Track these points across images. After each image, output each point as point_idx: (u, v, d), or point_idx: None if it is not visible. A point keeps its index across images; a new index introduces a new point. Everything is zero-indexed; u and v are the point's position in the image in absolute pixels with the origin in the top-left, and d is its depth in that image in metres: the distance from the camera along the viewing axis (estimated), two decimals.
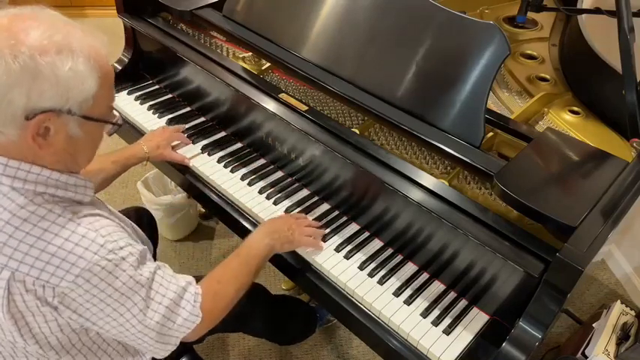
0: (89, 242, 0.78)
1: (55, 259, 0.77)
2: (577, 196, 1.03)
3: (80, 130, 0.81)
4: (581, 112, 1.36)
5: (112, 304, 0.82)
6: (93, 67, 0.78)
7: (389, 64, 1.22)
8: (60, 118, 0.77)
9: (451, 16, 1.15)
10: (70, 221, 0.79)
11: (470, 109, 1.12)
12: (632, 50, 1.13)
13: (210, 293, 0.97)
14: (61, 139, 0.80)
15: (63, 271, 0.77)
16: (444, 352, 1.02)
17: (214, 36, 1.64)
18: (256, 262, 1.10)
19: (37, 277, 0.77)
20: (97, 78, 0.79)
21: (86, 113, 0.80)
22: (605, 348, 1.53)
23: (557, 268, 0.92)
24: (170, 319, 0.89)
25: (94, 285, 0.79)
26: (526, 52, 1.62)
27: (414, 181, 1.11)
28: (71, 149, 0.83)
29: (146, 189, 1.96)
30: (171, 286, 0.89)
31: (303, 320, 1.64)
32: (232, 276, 1.05)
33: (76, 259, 0.77)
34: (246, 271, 1.07)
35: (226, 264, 1.07)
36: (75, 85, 0.76)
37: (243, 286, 1.06)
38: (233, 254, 1.09)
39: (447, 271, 1.13)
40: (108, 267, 0.80)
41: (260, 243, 1.12)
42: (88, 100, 0.79)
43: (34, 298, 0.78)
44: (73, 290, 0.78)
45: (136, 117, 1.58)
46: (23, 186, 0.78)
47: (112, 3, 1.72)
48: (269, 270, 2.01)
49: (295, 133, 1.29)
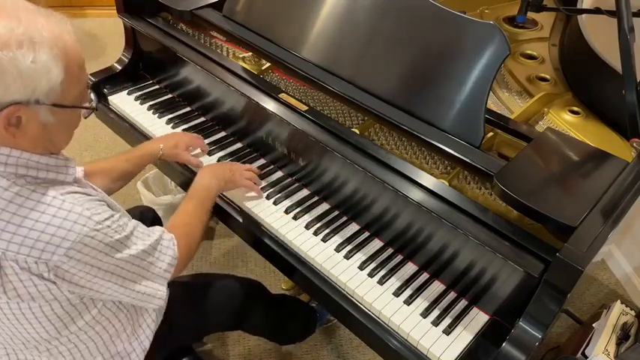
0: (76, 216, 0.81)
1: (45, 235, 0.79)
2: (577, 196, 1.03)
3: (53, 117, 0.82)
4: (581, 112, 1.36)
5: (103, 266, 0.86)
6: (56, 56, 0.77)
7: (389, 64, 1.22)
8: (29, 109, 0.78)
9: (451, 16, 1.15)
10: (55, 198, 0.81)
11: (470, 109, 1.12)
12: (632, 50, 1.13)
13: (182, 235, 1.06)
14: (35, 127, 0.81)
15: (53, 246, 0.79)
16: (444, 352, 1.02)
17: (214, 36, 1.64)
18: (208, 201, 1.20)
19: (28, 254, 0.78)
20: (62, 66, 0.79)
21: (56, 101, 0.81)
22: (605, 348, 1.53)
23: (557, 268, 0.92)
24: (154, 264, 0.97)
25: (85, 254, 0.83)
26: (526, 52, 1.62)
27: (414, 181, 1.11)
28: (47, 135, 0.84)
29: (146, 189, 1.96)
30: (149, 237, 0.96)
31: (302, 320, 1.64)
32: (194, 216, 1.15)
33: (65, 232, 0.80)
34: (204, 210, 1.18)
35: (184, 209, 1.16)
36: (39, 76, 0.76)
37: (204, 223, 1.17)
38: (186, 199, 1.19)
39: (447, 271, 1.13)
40: (97, 236, 0.83)
41: (209, 184, 1.22)
42: (56, 89, 0.79)
43: (29, 276, 0.80)
44: (65, 262, 0.81)
45: (135, 117, 1.58)
46: (5, 169, 0.80)
47: (112, 3, 1.72)
48: (269, 270, 2.01)
49: (295, 133, 1.29)
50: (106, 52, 3.29)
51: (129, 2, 1.64)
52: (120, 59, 1.72)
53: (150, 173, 2.04)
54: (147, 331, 1.09)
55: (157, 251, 0.97)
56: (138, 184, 1.97)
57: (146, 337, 1.09)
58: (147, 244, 0.94)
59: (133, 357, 1.07)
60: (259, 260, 2.05)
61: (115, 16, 1.69)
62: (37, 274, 0.81)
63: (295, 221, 1.27)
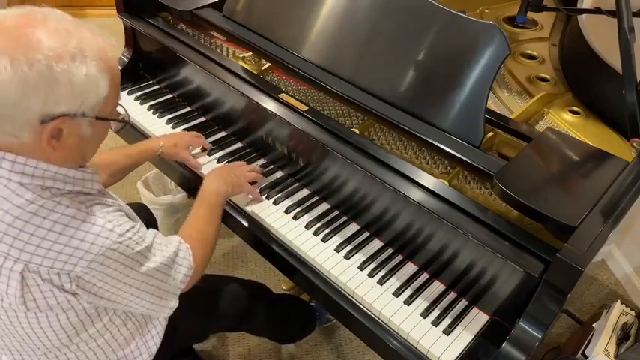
0: (100, 229, 0.82)
1: (68, 248, 0.79)
2: (577, 196, 1.03)
3: (91, 129, 0.83)
4: (581, 112, 1.36)
5: (124, 278, 0.87)
6: (103, 70, 0.79)
7: (389, 64, 1.22)
8: (74, 121, 0.79)
9: (451, 16, 1.15)
10: (79, 211, 0.81)
11: (470, 109, 1.12)
12: (632, 50, 1.13)
13: (196, 242, 1.06)
14: (73, 140, 0.82)
15: (76, 258, 0.80)
16: (444, 352, 1.02)
17: (214, 36, 1.64)
18: (218, 207, 1.19)
19: (51, 266, 0.79)
20: (108, 80, 0.81)
21: (98, 114, 0.82)
22: (605, 348, 1.53)
23: (557, 268, 0.92)
24: (172, 276, 0.97)
25: (107, 266, 0.83)
26: (526, 52, 1.62)
27: (414, 181, 1.11)
28: (80, 147, 0.85)
29: (146, 189, 1.96)
30: (167, 248, 0.96)
31: (302, 318, 1.65)
32: (206, 222, 1.14)
33: (88, 245, 0.80)
34: (216, 216, 1.17)
35: (196, 215, 1.15)
36: (89, 89, 0.78)
37: (217, 228, 1.17)
38: (196, 204, 1.18)
39: (447, 271, 1.13)
40: (120, 249, 0.84)
41: (217, 189, 1.21)
42: (100, 102, 0.81)
43: (50, 287, 0.81)
44: (87, 273, 0.82)
45: (135, 117, 1.58)
46: (31, 182, 0.80)
47: (112, 3, 1.72)
48: (269, 270, 2.01)
49: (295, 133, 1.29)
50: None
51: (129, 2, 1.65)
52: (120, 59, 1.72)
53: (150, 173, 2.04)
54: (155, 338, 1.09)
55: (175, 263, 0.97)
56: (138, 184, 1.97)
57: (154, 343, 1.09)
58: (165, 255, 0.94)
59: None
60: (259, 260, 2.05)
61: (115, 16, 1.69)
62: (59, 286, 0.81)
63: (295, 221, 1.27)
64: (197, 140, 1.43)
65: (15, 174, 0.79)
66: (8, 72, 0.71)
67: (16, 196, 0.79)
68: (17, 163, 0.79)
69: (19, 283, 0.80)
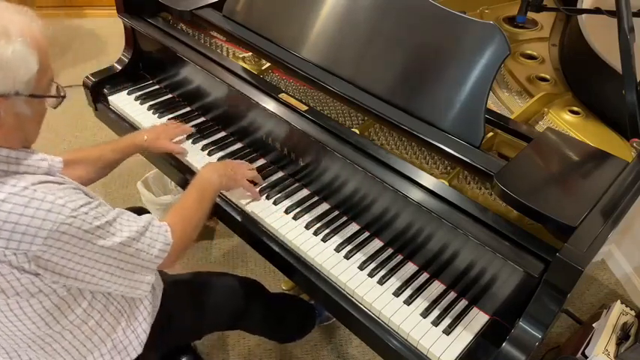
0: (50, 205, 0.80)
1: (19, 226, 0.78)
2: (577, 196, 1.03)
3: (28, 107, 0.83)
4: (581, 112, 1.36)
5: (87, 254, 0.86)
6: (30, 45, 0.79)
7: (389, 64, 1.22)
8: (8, 101, 0.79)
9: (451, 16, 1.15)
10: (25, 189, 0.81)
11: (470, 109, 1.12)
12: (632, 50, 1.13)
13: (178, 219, 1.07)
14: (11, 119, 0.82)
15: (30, 236, 0.79)
16: (444, 352, 1.02)
17: (214, 36, 1.64)
18: (208, 194, 1.19)
19: (6, 246, 0.78)
20: (36, 55, 0.80)
21: (32, 92, 0.82)
22: (605, 348, 1.53)
23: (557, 268, 0.92)
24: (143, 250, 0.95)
25: (65, 242, 0.82)
26: (526, 52, 1.62)
27: (414, 181, 1.11)
28: (21, 127, 0.85)
29: (146, 189, 1.96)
30: (137, 222, 0.95)
31: (301, 317, 1.66)
32: (193, 203, 1.15)
33: (40, 222, 0.79)
34: (204, 199, 1.17)
35: (184, 197, 1.16)
36: (19, 66, 0.78)
37: (204, 214, 1.16)
38: (187, 189, 1.19)
39: (447, 271, 1.13)
40: (75, 223, 0.82)
41: (210, 177, 1.22)
42: (32, 80, 0.81)
43: (9, 269, 0.80)
44: (45, 252, 0.81)
45: (135, 117, 1.58)
46: None
47: (112, 3, 1.73)
48: (269, 270, 2.01)
49: (295, 133, 1.29)
50: (106, 52, 3.29)
51: (129, 2, 1.65)
52: (120, 59, 1.72)
53: (150, 173, 2.04)
54: (143, 324, 1.09)
55: (146, 237, 0.96)
56: (138, 184, 1.97)
57: (142, 330, 1.09)
58: (133, 230, 0.93)
59: (130, 350, 1.07)
60: (259, 260, 2.05)
61: (115, 16, 1.70)
62: (18, 267, 0.80)
63: (295, 221, 1.27)
64: (179, 129, 1.46)
65: None
66: None
67: None
68: None
69: None
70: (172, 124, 1.50)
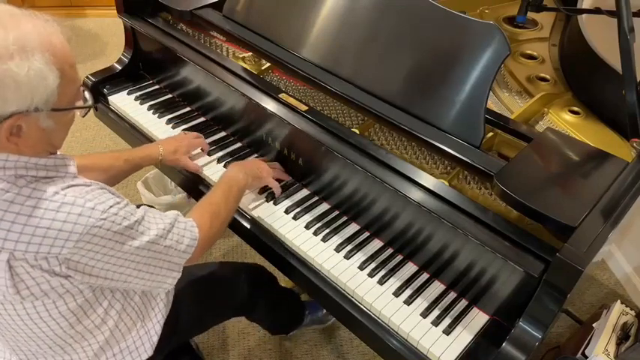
0: (80, 209, 0.81)
1: (51, 231, 0.79)
2: (577, 196, 1.03)
3: (52, 120, 0.82)
4: (581, 112, 1.36)
5: (116, 254, 0.86)
6: (49, 61, 0.77)
7: (389, 64, 1.22)
8: (29, 117, 0.78)
9: (451, 16, 1.15)
10: (56, 194, 0.81)
11: (470, 109, 1.12)
12: (632, 50, 1.13)
13: (206, 214, 1.08)
14: (34, 133, 0.81)
15: (62, 240, 0.79)
16: (444, 352, 1.02)
17: (214, 36, 1.64)
18: (235, 191, 1.20)
19: (37, 251, 0.79)
20: (57, 70, 0.78)
21: (54, 106, 0.80)
22: (605, 348, 1.53)
23: (557, 268, 0.92)
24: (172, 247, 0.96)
25: (95, 244, 0.83)
26: (526, 52, 1.62)
27: (414, 181, 1.11)
28: (45, 138, 0.85)
29: (146, 189, 1.97)
30: (164, 219, 0.96)
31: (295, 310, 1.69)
32: (220, 198, 1.15)
33: (72, 226, 0.80)
34: (231, 196, 1.18)
35: (212, 193, 1.17)
36: (36, 85, 0.76)
37: (231, 210, 1.18)
38: (215, 185, 1.20)
39: (447, 271, 1.13)
40: (105, 225, 0.83)
41: (236, 175, 1.22)
42: (54, 94, 0.79)
43: (41, 272, 0.81)
44: (75, 254, 0.81)
45: (135, 117, 1.58)
46: (4, 173, 0.80)
47: (112, 3, 1.72)
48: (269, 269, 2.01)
49: (295, 133, 1.29)
50: (106, 52, 3.29)
51: (129, 2, 1.64)
52: (120, 59, 1.72)
53: (150, 173, 2.04)
54: (156, 327, 1.09)
55: (173, 234, 0.96)
56: (138, 184, 1.97)
57: (155, 332, 1.09)
58: (160, 227, 0.93)
59: (142, 351, 1.07)
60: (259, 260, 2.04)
61: (115, 16, 1.69)
62: (49, 270, 0.81)
63: (295, 221, 1.27)
64: (196, 142, 1.42)
65: None
66: None
67: None
68: None
69: (8, 272, 0.79)
70: (189, 135, 1.44)
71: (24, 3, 3.56)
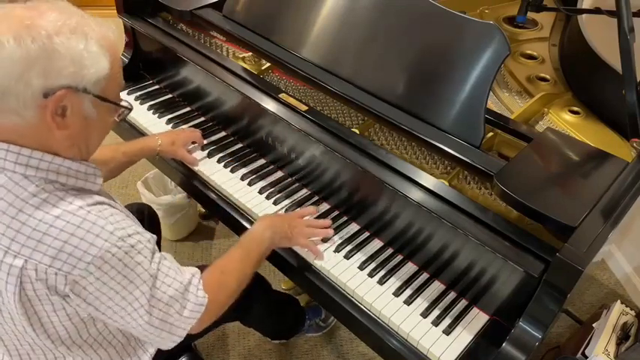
0: (99, 229, 0.80)
1: (68, 246, 0.78)
2: (577, 196, 1.03)
3: (95, 110, 0.83)
4: (581, 112, 1.36)
5: (121, 291, 0.83)
6: (104, 48, 0.81)
7: (388, 64, 1.22)
8: (76, 96, 0.79)
9: (451, 16, 1.15)
10: (81, 209, 0.80)
11: (470, 109, 1.12)
12: (632, 50, 1.13)
13: (214, 284, 0.99)
14: (77, 120, 0.82)
15: (75, 258, 0.78)
16: (444, 352, 1.02)
17: (214, 36, 1.64)
18: (257, 254, 1.12)
19: (50, 264, 0.78)
20: (109, 61, 0.81)
21: (100, 93, 0.82)
22: (605, 348, 1.53)
23: (557, 268, 0.92)
24: (176, 310, 0.90)
25: (105, 272, 0.80)
26: (526, 52, 1.62)
27: (414, 181, 1.11)
28: (85, 132, 0.85)
29: (146, 189, 1.96)
30: (177, 277, 0.91)
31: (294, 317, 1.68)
32: (235, 267, 1.07)
33: (87, 246, 0.78)
34: (249, 263, 1.09)
35: (230, 255, 1.09)
36: (89, 63, 0.78)
37: (246, 277, 1.08)
38: (236, 245, 1.11)
39: (447, 271, 1.13)
40: (118, 254, 0.81)
41: (262, 235, 1.14)
42: (101, 81, 0.81)
43: (44, 287, 0.79)
44: (84, 278, 0.79)
45: (135, 117, 1.58)
46: (35, 174, 0.80)
47: (112, 3, 1.73)
48: (269, 270, 2.01)
49: (295, 133, 1.29)
50: None
51: (129, 2, 1.65)
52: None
53: (150, 173, 2.04)
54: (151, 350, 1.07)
55: (181, 296, 0.91)
56: (138, 184, 1.97)
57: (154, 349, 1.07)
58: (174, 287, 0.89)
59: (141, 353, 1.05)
60: None
61: (115, 16, 1.69)
62: (52, 287, 0.79)
63: None
64: (193, 134, 1.44)
65: (19, 165, 0.79)
66: (11, 45, 0.73)
67: (19, 187, 0.78)
68: (22, 155, 0.79)
69: (18, 279, 0.78)
70: (185, 130, 1.47)
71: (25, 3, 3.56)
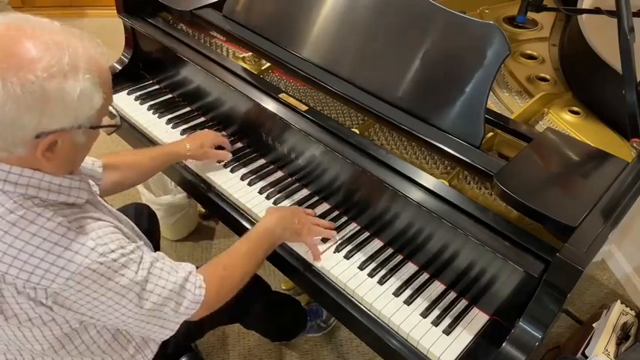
0: (79, 246, 0.78)
1: (44, 263, 0.77)
2: (577, 196, 1.03)
3: (85, 137, 0.82)
4: (581, 112, 1.36)
5: (106, 302, 0.83)
6: (96, 82, 0.78)
7: (389, 64, 1.22)
8: (69, 133, 0.79)
9: (451, 16, 1.15)
10: (60, 225, 0.78)
11: (470, 109, 1.12)
12: (632, 50, 1.13)
13: (216, 279, 0.99)
14: (66, 149, 0.81)
15: (52, 274, 0.77)
16: (444, 352, 1.02)
17: (214, 36, 1.64)
18: (264, 249, 1.12)
19: (27, 279, 0.77)
20: (102, 92, 0.80)
21: (93, 124, 0.81)
22: (605, 348, 1.53)
23: (557, 268, 0.92)
24: (171, 308, 0.90)
25: (85, 286, 0.80)
26: (526, 52, 1.62)
27: (414, 181, 1.11)
28: (73, 155, 0.84)
29: (146, 189, 1.96)
30: (171, 277, 0.91)
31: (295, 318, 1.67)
32: (239, 262, 1.06)
33: (65, 263, 0.77)
34: (254, 257, 1.09)
35: (235, 249, 1.08)
36: (83, 104, 0.77)
37: (249, 272, 1.08)
38: (242, 238, 1.11)
39: (447, 271, 1.13)
40: (100, 269, 0.80)
41: (270, 230, 1.14)
42: (95, 114, 0.80)
43: (26, 300, 0.79)
44: (65, 290, 0.79)
45: (135, 117, 1.58)
46: (14, 190, 0.78)
47: (112, 3, 1.72)
48: (269, 270, 2.01)
49: (295, 133, 1.29)
50: None
51: (129, 2, 1.64)
52: (120, 59, 1.72)
53: None
54: (153, 347, 1.07)
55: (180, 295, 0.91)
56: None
57: (151, 351, 1.07)
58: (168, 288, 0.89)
59: None
60: None
61: (115, 16, 1.69)
62: (34, 299, 0.79)
63: None
64: (221, 139, 1.43)
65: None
66: (0, 94, 0.70)
67: None
68: (0, 170, 0.77)
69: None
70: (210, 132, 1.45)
71: (24, 3, 3.56)
